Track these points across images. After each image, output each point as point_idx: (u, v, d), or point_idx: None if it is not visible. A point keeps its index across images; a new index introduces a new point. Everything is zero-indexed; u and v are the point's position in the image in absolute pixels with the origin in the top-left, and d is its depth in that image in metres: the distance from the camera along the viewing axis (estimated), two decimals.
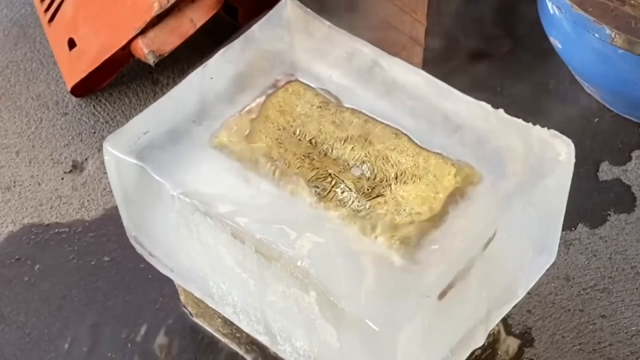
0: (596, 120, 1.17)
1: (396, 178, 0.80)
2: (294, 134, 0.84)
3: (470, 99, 0.84)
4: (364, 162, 0.81)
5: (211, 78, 0.88)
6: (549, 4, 1.10)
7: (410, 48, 1.14)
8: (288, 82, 0.87)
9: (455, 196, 0.79)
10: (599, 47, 1.05)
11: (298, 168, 0.81)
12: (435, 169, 0.80)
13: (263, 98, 0.87)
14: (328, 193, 0.80)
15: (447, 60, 1.14)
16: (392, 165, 0.81)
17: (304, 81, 0.87)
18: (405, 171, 0.81)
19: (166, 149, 0.83)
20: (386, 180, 0.80)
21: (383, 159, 0.82)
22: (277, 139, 0.83)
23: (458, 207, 0.78)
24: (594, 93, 1.18)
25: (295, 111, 0.85)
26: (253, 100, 0.86)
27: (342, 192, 0.80)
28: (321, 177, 0.81)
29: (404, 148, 0.82)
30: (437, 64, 1.11)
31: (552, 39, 1.13)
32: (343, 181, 0.80)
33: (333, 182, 0.80)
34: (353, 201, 0.79)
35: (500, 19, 1.22)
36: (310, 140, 0.83)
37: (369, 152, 0.82)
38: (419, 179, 0.80)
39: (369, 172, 0.81)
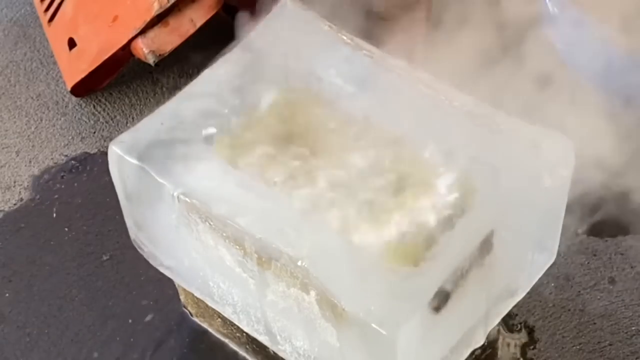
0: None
1: (396, 182, 0.80)
2: (295, 137, 0.84)
3: (470, 98, 0.84)
4: (364, 166, 0.81)
5: (210, 82, 0.88)
6: (549, 4, 1.10)
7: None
8: (288, 85, 0.87)
9: (455, 198, 0.79)
10: (599, 47, 1.05)
11: (299, 171, 0.81)
12: (435, 173, 0.80)
13: (264, 101, 0.87)
14: (328, 196, 0.80)
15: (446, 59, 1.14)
16: (392, 170, 0.81)
17: (304, 84, 0.88)
18: (405, 175, 0.81)
19: (168, 151, 0.84)
20: (386, 184, 0.80)
21: (383, 163, 0.82)
22: (277, 143, 0.83)
23: (457, 208, 0.79)
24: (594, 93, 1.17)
25: (296, 115, 0.85)
26: (254, 104, 0.87)
27: (343, 196, 0.80)
28: (322, 181, 0.81)
29: (404, 153, 0.82)
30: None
31: (552, 39, 1.13)
32: (343, 185, 0.80)
33: (333, 186, 0.80)
34: (353, 204, 0.79)
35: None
36: (311, 144, 0.83)
37: (369, 157, 0.82)
38: (419, 183, 0.80)
39: (369, 176, 0.81)
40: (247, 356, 0.98)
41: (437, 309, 0.76)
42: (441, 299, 0.76)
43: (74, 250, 1.08)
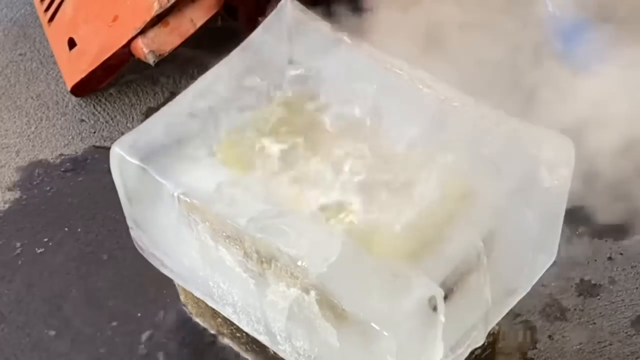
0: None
1: (396, 182, 0.80)
2: (295, 138, 0.84)
3: (470, 99, 0.84)
4: (364, 169, 0.81)
5: (211, 83, 0.88)
6: (549, 4, 1.10)
7: None
8: (290, 88, 0.88)
9: (454, 198, 0.79)
10: (599, 47, 1.05)
11: (299, 172, 0.81)
12: (435, 173, 0.80)
13: (264, 102, 0.87)
14: (328, 196, 0.80)
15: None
16: (392, 169, 0.81)
17: (305, 84, 0.88)
18: (404, 174, 0.81)
19: (169, 152, 0.84)
20: (386, 184, 0.80)
21: (383, 163, 0.82)
22: (277, 143, 0.84)
23: (457, 208, 0.79)
24: None
25: (296, 115, 0.85)
26: (254, 105, 0.87)
27: (343, 195, 0.80)
28: (322, 181, 0.81)
29: (403, 152, 0.82)
30: None
31: (552, 39, 1.13)
32: (343, 185, 0.80)
33: (334, 188, 0.80)
34: (353, 204, 0.79)
35: None
36: (311, 144, 0.83)
37: (369, 157, 0.82)
38: (419, 182, 0.80)
39: (369, 176, 0.81)
40: (247, 356, 0.98)
41: (437, 308, 0.76)
42: (441, 299, 0.76)
43: (74, 250, 1.08)
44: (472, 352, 0.85)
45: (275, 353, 0.88)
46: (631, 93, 1.00)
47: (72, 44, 1.22)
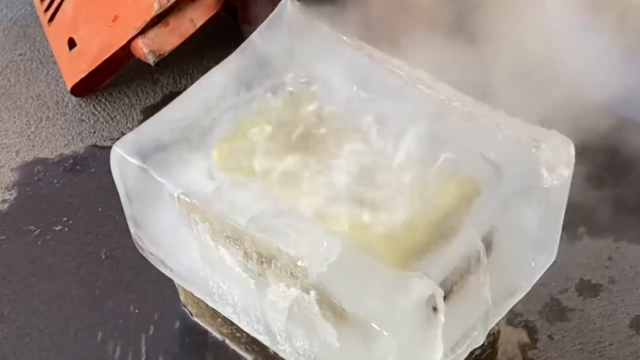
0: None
1: (396, 182, 0.80)
2: (295, 139, 0.84)
3: (470, 99, 0.84)
4: (364, 167, 0.81)
5: (211, 83, 0.88)
6: (550, 6, 1.10)
7: None
8: (289, 89, 0.88)
9: (454, 198, 0.79)
10: (598, 47, 1.05)
11: (299, 172, 0.81)
12: (434, 173, 0.80)
13: (264, 103, 0.87)
14: (329, 196, 0.80)
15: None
16: (392, 170, 0.81)
17: (305, 87, 0.88)
18: (404, 175, 0.81)
19: (169, 152, 0.84)
20: (386, 184, 0.80)
21: (383, 164, 0.82)
22: (277, 144, 0.84)
23: (457, 208, 0.79)
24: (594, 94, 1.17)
25: (296, 116, 0.85)
26: (255, 105, 0.87)
27: (343, 196, 0.80)
28: (322, 181, 0.81)
29: (403, 153, 0.82)
30: None
31: (552, 39, 1.13)
32: (344, 185, 0.80)
33: (334, 186, 0.80)
34: (353, 204, 0.79)
35: None
36: (311, 145, 0.83)
37: (369, 157, 0.82)
38: (418, 183, 0.80)
39: (369, 176, 0.81)
40: (247, 356, 0.98)
41: (437, 308, 0.76)
42: (441, 299, 0.76)
43: (73, 250, 1.08)
44: (472, 352, 0.85)
45: (275, 353, 0.88)
46: None
47: (72, 44, 1.22)
